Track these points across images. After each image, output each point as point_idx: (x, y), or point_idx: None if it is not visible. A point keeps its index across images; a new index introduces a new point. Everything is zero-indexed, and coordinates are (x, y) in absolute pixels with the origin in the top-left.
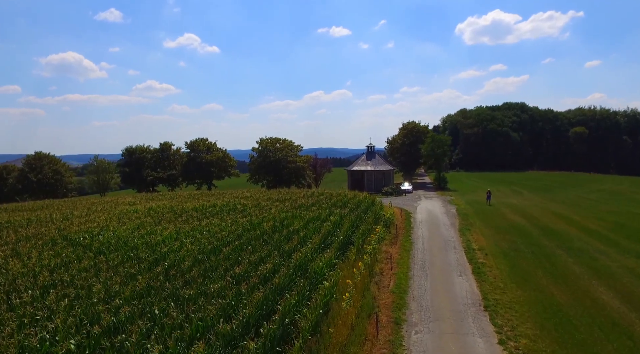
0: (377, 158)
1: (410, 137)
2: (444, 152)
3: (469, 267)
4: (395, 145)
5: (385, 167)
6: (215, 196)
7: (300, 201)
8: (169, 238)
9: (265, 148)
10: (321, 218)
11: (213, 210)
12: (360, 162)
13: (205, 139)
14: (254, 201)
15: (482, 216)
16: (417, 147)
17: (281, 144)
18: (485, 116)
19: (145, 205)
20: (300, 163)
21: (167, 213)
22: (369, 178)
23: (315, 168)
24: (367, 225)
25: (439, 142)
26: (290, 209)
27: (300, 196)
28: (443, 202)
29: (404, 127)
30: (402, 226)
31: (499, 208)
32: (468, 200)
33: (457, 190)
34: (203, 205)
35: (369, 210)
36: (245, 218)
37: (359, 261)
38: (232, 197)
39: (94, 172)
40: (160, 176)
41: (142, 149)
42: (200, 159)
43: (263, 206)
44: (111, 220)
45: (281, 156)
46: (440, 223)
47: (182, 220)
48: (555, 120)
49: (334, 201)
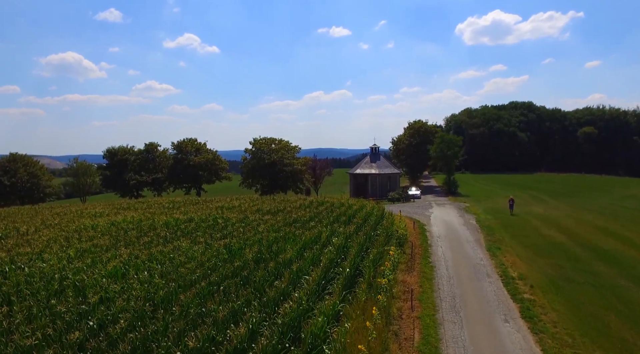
0: (382, 160)
1: (417, 137)
2: (454, 154)
3: (515, 307)
4: (401, 145)
5: (391, 170)
6: (198, 206)
7: (295, 214)
8: (114, 273)
9: (259, 149)
10: (321, 241)
11: (187, 226)
12: (364, 165)
13: (194, 139)
14: (240, 213)
15: (511, 231)
16: (425, 148)
17: (277, 145)
18: (491, 115)
19: (112, 218)
20: (298, 166)
21: (132, 229)
22: (373, 182)
23: (314, 170)
24: (379, 247)
25: (450, 142)
26: (282, 226)
27: (296, 206)
28: (458, 211)
29: (410, 126)
30: (418, 244)
31: (527, 220)
32: (487, 208)
33: (469, 195)
34: (177, 220)
35: (379, 224)
36: (225, 239)
37: (371, 304)
38: (216, 207)
39: (74, 174)
40: (144, 180)
41: (125, 150)
42: (187, 161)
43: (250, 222)
44: (57, 239)
45: (277, 158)
46: (462, 239)
47: (144, 242)
48: (564, 119)
49: (337, 214)
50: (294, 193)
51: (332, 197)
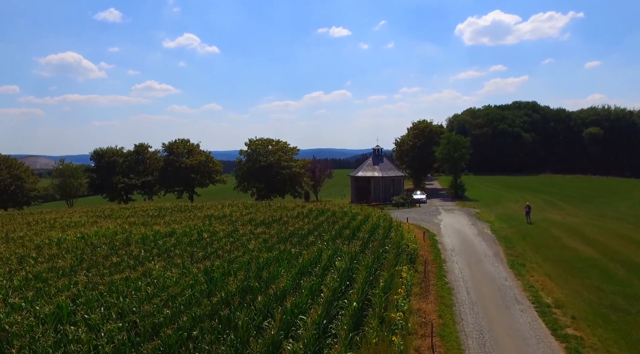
0: (386, 162)
1: (422, 138)
2: (462, 155)
3: (560, 348)
4: (405, 147)
5: (395, 172)
6: (185, 215)
7: (292, 226)
8: (56, 314)
9: (254, 150)
10: (322, 263)
11: (167, 242)
12: (366, 167)
13: (186, 140)
14: (230, 224)
15: (531, 242)
16: (430, 149)
17: (274, 146)
18: (495, 116)
19: (86, 230)
20: (296, 168)
21: (101, 245)
22: (376, 185)
23: (313, 173)
24: (389, 267)
25: (457, 143)
26: (276, 242)
27: (293, 214)
28: (469, 217)
29: (414, 126)
30: (431, 259)
31: (546, 229)
32: (499, 215)
33: (477, 199)
34: (157, 233)
35: (387, 238)
36: (207, 261)
37: (384, 347)
38: (204, 216)
39: (60, 176)
40: (132, 183)
41: (113, 152)
42: (178, 164)
43: (239, 237)
44: (9, 260)
45: (273, 160)
46: (479, 253)
47: (111, 264)
48: (568, 120)
49: (339, 227)
50: (292, 197)
51: (333, 204)
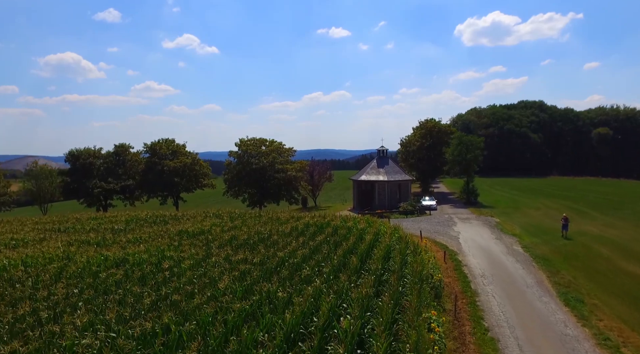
0: (391, 164)
1: (429, 138)
2: (475, 157)
3: None
4: (411, 147)
5: (402, 176)
6: (154, 229)
7: (284, 250)
8: None
9: (245, 152)
10: (320, 320)
11: (111, 276)
12: (370, 170)
13: (171, 140)
14: (204, 246)
15: (579, 265)
16: (439, 151)
17: (268, 146)
18: (502, 115)
19: (19, 252)
20: (292, 172)
21: (23, 281)
22: (380, 191)
23: (312, 176)
24: (413, 317)
25: (470, 144)
26: (260, 277)
27: (286, 231)
28: (490, 229)
29: (421, 125)
30: (458, 290)
31: (589, 246)
32: (525, 226)
33: (493, 205)
34: (105, 260)
35: (405, 265)
36: (147, 319)
37: None
38: (176, 233)
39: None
40: (110, 188)
41: (89, 153)
42: (161, 166)
43: (209, 268)
44: None
45: (267, 162)
46: (517, 280)
47: (7, 322)
48: (576, 120)
49: (344, 251)
50: (288, 203)
51: (333, 214)
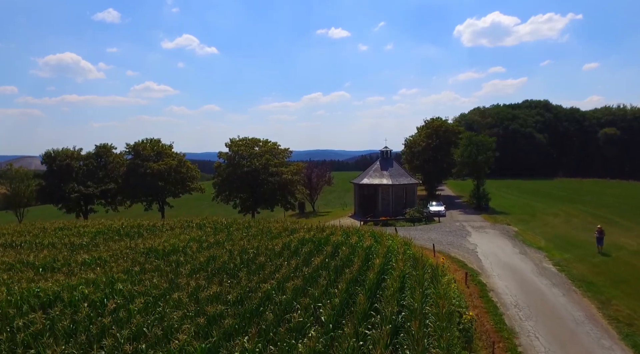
0: (396, 167)
1: (435, 139)
2: (487, 158)
3: None
4: (416, 148)
5: (408, 179)
6: (120, 245)
7: (269, 280)
8: None
9: (236, 153)
10: None
11: (33, 322)
12: (373, 173)
13: (156, 140)
14: (170, 273)
15: (631, 291)
16: (446, 151)
17: (261, 147)
18: (506, 115)
19: None
20: (288, 175)
21: None
22: (384, 195)
23: (309, 179)
24: None
25: (480, 144)
26: (233, 326)
27: (276, 250)
28: (511, 241)
29: (426, 125)
30: (490, 327)
31: (634, 264)
32: (550, 237)
33: (506, 211)
34: (35, 296)
35: (426, 299)
36: None
37: None
38: (142, 252)
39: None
40: (89, 192)
41: (67, 154)
42: (144, 169)
43: (168, 310)
44: None
45: (259, 165)
46: (562, 314)
47: None
48: (583, 120)
49: (348, 279)
50: (283, 209)
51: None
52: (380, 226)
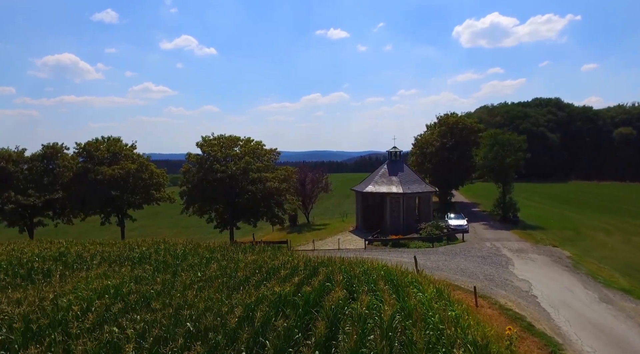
0: (407, 171)
1: (451, 137)
2: (516, 161)
3: None
4: (429, 149)
5: (422, 186)
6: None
7: None
8: None
9: (209, 155)
10: None
11: None
12: (379, 178)
13: (115, 139)
14: None
15: None
16: (463, 152)
17: (241, 148)
18: (516, 113)
19: None
20: (274, 182)
21: None
22: (394, 206)
23: (303, 185)
24: None
25: (508, 144)
26: None
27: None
28: (576, 276)
29: (440, 122)
30: None
31: None
32: (627, 271)
33: (541, 226)
34: None
35: None
36: None
37: None
38: (31, 306)
39: None
40: (29, 203)
41: (4, 155)
42: (94, 174)
43: None
44: None
45: (237, 169)
46: None
47: None
48: (597, 119)
49: None
50: (270, 224)
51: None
52: (389, 248)
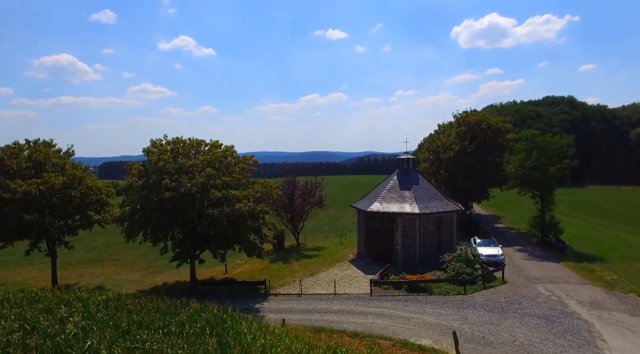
0: (423, 184)
1: (472, 140)
2: (562, 170)
3: None
4: (446, 154)
5: (443, 204)
6: None
7: None
8: None
9: (156, 165)
10: None
11: None
12: (388, 193)
13: (43, 143)
14: None
15: None
16: (485, 158)
17: (205, 154)
18: (528, 113)
19: None
20: (244, 204)
21: None
22: (408, 231)
23: (292, 200)
24: None
25: (550, 148)
26: None
27: None
28: None
29: (459, 121)
30: None
31: None
32: None
33: (600, 256)
34: None
35: None
36: None
37: None
38: None
39: None
40: None
41: None
42: (5, 190)
43: None
44: None
45: (194, 187)
46: None
47: None
48: (613, 118)
49: None
50: (246, 254)
51: None
52: (405, 294)
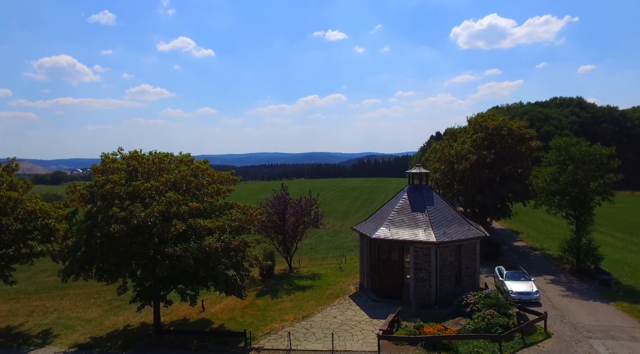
0: (439, 204)
1: (485, 147)
2: (605, 186)
3: None
4: (461, 165)
5: (464, 229)
6: None
7: None
8: None
9: (104, 188)
10: None
11: None
12: (396, 216)
13: None
14: None
15: None
16: (509, 170)
17: (169, 174)
18: (536, 115)
19: None
20: (215, 239)
21: None
22: (421, 263)
23: (283, 220)
24: None
25: (588, 159)
26: None
27: None
28: None
29: (474, 125)
30: None
31: None
32: None
33: None
34: None
35: None
36: None
37: None
38: None
39: None
40: None
41: None
42: None
43: None
44: None
45: (149, 218)
46: None
47: None
48: (624, 120)
49: None
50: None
51: None
52: (422, 352)
